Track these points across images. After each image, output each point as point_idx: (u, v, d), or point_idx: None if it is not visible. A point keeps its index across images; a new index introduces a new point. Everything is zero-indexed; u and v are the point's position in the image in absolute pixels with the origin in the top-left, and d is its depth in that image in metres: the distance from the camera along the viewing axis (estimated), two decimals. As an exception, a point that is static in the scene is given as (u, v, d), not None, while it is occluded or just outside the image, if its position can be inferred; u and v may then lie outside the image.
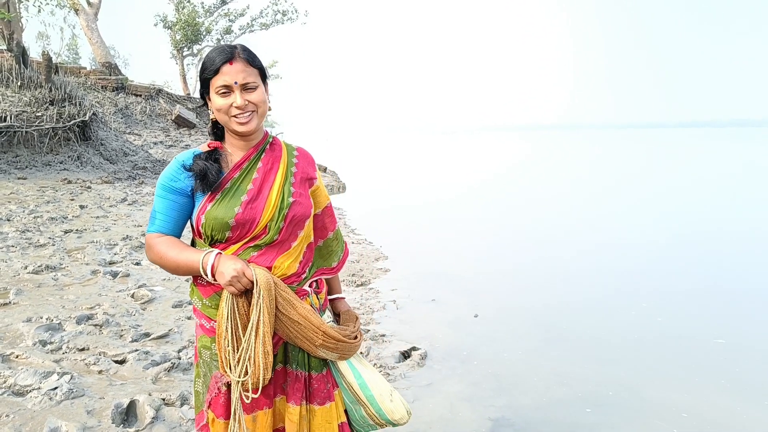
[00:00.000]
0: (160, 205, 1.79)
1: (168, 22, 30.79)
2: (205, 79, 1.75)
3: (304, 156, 1.95)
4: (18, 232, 7.15)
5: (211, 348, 1.80)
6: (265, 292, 1.63)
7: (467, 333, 4.86)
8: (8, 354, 3.69)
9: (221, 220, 1.71)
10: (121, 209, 9.61)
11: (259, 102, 1.75)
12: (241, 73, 1.71)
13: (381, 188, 17.42)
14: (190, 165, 1.76)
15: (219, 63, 1.70)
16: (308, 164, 1.94)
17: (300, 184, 1.86)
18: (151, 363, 3.70)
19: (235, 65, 1.70)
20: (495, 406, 3.55)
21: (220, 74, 1.70)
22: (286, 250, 1.79)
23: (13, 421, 2.87)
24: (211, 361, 1.81)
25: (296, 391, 1.80)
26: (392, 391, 1.90)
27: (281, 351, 1.82)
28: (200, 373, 1.87)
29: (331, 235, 2.02)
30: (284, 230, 1.77)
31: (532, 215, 11.81)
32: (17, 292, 4.89)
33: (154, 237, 1.79)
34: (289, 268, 1.79)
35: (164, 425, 2.96)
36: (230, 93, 1.72)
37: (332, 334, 1.77)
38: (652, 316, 5.31)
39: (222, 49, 1.73)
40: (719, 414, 3.51)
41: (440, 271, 6.97)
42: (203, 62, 1.76)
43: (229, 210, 1.71)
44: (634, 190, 16.36)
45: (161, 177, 1.79)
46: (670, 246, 8.59)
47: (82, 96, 14.72)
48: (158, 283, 5.53)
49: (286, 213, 1.76)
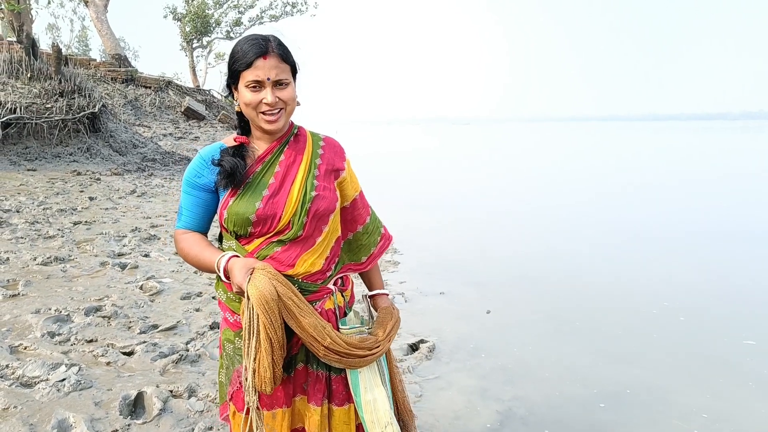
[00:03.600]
0: (185, 201, 1.77)
1: (178, 14, 30.85)
2: (235, 71, 1.67)
3: (332, 146, 1.86)
4: (27, 224, 7.18)
5: (234, 342, 1.77)
6: (259, 310, 1.55)
7: (476, 326, 4.83)
8: (17, 345, 3.70)
9: (242, 215, 1.66)
10: (131, 201, 9.64)
11: (289, 100, 1.69)
12: (275, 69, 1.63)
13: (389, 180, 17.38)
14: (217, 159, 1.71)
15: (252, 56, 1.62)
16: (335, 154, 1.85)
17: (325, 176, 1.78)
18: (159, 355, 3.69)
19: (269, 60, 1.63)
20: (503, 400, 3.51)
21: (253, 68, 1.62)
22: (310, 247, 1.73)
23: (21, 413, 2.87)
24: (234, 355, 1.78)
25: (317, 392, 1.76)
26: (390, 423, 1.75)
27: (303, 350, 1.76)
28: (223, 365, 1.85)
29: (361, 229, 1.92)
30: (308, 225, 1.71)
31: (545, 207, 11.72)
32: (26, 284, 4.91)
33: (180, 233, 1.78)
34: (313, 265, 1.73)
35: (172, 417, 2.95)
36: (261, 88, 1.65)
37: (336, 348, 1.67)
38: (675, 315, 5.11)
39: (255, 40, 1.64)
40: (744, 417, 3.38)
41: (449, 264, 6.93)
42: (233, 52, 1.67)
43: (250, 205, 1.67)
44: (643, 183, 16.21)
45: (186, 172, 1.77)
46: (698, 242, 8.26)
47: (91, 88, 14.76)
48: (167, 274, 5.53)
49: (309, 207, 1.70)
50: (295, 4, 32.42)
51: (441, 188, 15.31)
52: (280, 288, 1.59)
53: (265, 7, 32.75)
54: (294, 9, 32.57)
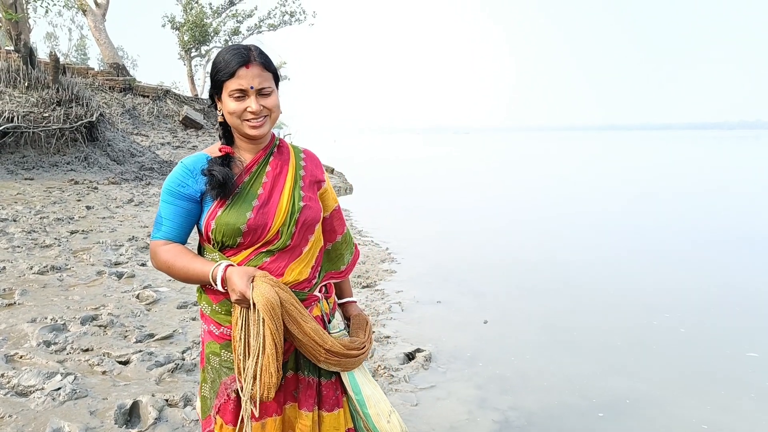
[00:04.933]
0: (166, 211, 1.72)
1: (176, 23, 30.92)
2: (218, 81, 1.69)
3: (311, 158, 1.91)
4: (24, 233, 7.17)
5: (220, 354, 1.76)
6: (266, 316, 1.58)
7: (473, 335, 4.82)
8: (12, 354, 3.68)
9: (233, 225, 1.66)
10: (128, 210, 9.63)
11: (273, 107, 1.71)
12: (258, 77, 1.65)
13: (387, 189, 17.41)
14: (202, 169, 1.71)
15: (235, 66, 1.63)
16: (315, 167, 1.90)
17: (309, 187, 1.82)
18: (154, 364, 3.68)
19: (251, 69, 1.64)
20: (501, 410, 3.50)
21: (236, 78, 1.64)
22: (297, 256, 1.76)
23: (16, 422, 2.86)
24: (221, 368, 1.77)
25: (308, 398, 1.78)
26: (391, 412, 1.85)
27: (292, 358, 1.78)
28: (207, 378, 1.83)
29: (340, 239, 1.98)
30: (296, 235, 1.73)
31: (544, 217, 11.74)
32: (22, 293, 4.90)
33: (160, 244, 1.73)
34: (301, 273, 1.76)
35: (167, 426, 2.94)
36: (245, 97, 1.66)
37: (336, 350, 1.72)
38: (675, 327, 5.06)
39: (237, 50, 1.66)
40: (746, 430, 3.36)
41: (446, 273, 6.94)
42: (215, 62, 1.69)
43: (241, 215, 1.67)
44: (644, 193, 16.26)
45: (167, 182, 1.74)
46: (700, 253, 8.21)
47: (89, 97, 14.77)
48: (163, 284, 5.53)
49: (297, 218, 1.73)
50: (294, 14, 32.53)
51: (439, 197, 15.34)
52: (282, 294, 1.62)
53: (264, 17, 32.85)
54: (292, 18, 32.66)
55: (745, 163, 29.25)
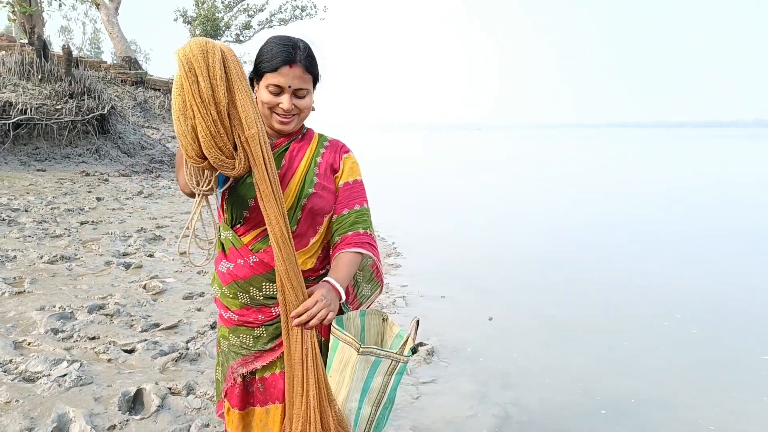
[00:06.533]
0: None
1: (188, 17, 31.03)
2: (260, 69, 1.70)
3: (334, 146, 1.88)
4: (35, 223, 7.26)
5: (229, 338, 1.81)
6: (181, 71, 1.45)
7: (476, 330, 4.83)
8: (20, 341, 3.75)
9: (242, 197, 1.70)
10: (137, 202, 9.72)
11: (305, 108, 1.73)
12: (297, 79, 1.67)
13: (393, 185, 17.40)
14: None
15: (279, 63, 1.64)
16: (335, 152, 1.86)
17: (324, 175, 1.81)
18: (159, 353, 3.73)
19: (294, 69, 1.65)
20: (502, 405, 3.49)
21: (277, 74, 1.65)
22: (304, 246, 1.77)
23: (23, 407, 2.91)
24: (229, 351, 1.81)
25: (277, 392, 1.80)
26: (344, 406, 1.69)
27: None
28: (220, 362, 1.90)
29: (346, 212, 1.82)
30: (302, 222, 1.74)
31: (550, 212, 11.69)
32: (32, 281, 4.97)
33: None
34: (305, 263, 1.77)
35: (169, 413, 2.99)
36: (281, 93, 1.68)
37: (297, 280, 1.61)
38: (686, 328, 4.96)
39: (286, 46, 1.66)
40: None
41: (451, 269, 6.94)
42: (262, 50, 1.70)
43: (251, 190, 1.66)
44: (653, 190, 16.13)
45: None
46: (713, 251, 8.07)
47: (101, 90, 14.89)
48: (170, 274, 5.59)
49: (304, 203, 1.73)
50: (305, 8, 32.55)
51: (443, 192, 15.31)
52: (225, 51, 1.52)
53: (275, 11, 32.91)
54: (303, 13, 32.68)
55: (763, 161, 28.92)
